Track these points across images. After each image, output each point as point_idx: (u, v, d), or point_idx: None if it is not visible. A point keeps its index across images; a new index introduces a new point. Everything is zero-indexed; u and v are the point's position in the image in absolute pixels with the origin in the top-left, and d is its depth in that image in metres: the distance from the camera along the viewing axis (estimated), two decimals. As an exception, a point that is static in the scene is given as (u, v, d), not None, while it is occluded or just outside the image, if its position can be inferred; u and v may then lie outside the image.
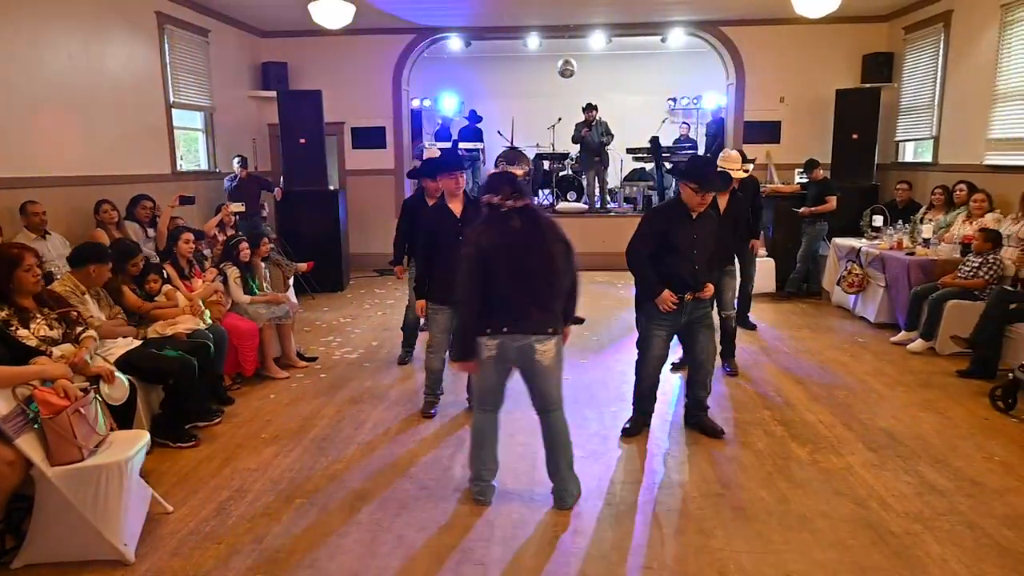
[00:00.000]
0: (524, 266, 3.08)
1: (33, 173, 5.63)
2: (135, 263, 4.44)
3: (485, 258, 3.08)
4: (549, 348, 3.15)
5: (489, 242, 3.09)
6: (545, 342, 3.13)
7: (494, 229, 3.11)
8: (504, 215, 3.10)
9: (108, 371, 3.48)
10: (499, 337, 3.13)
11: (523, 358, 3.16)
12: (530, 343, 3.12)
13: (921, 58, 8.42)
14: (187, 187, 7.28)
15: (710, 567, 2.84)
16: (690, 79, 12.34)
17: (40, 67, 5.78)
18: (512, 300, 3.10)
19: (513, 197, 3.10)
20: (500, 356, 3.17)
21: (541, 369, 3.17)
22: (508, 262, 3.07)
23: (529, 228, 3.10)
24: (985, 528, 3.09)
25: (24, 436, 2.80)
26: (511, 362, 3.20)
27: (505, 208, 3.09)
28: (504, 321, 3.10)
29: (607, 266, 9.65)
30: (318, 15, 7.15)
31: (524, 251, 3.09)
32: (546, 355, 3.15)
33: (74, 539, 2.85)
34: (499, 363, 3.20)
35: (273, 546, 3.03)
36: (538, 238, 3.11)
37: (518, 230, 3.08)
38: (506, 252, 3.08)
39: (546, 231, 3.16)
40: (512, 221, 3.08)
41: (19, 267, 3.33)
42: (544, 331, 3.13)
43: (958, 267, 5.84)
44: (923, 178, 8.11)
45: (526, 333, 3.11)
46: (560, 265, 3.16)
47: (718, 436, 4.09)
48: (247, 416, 4.55)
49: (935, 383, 5.02)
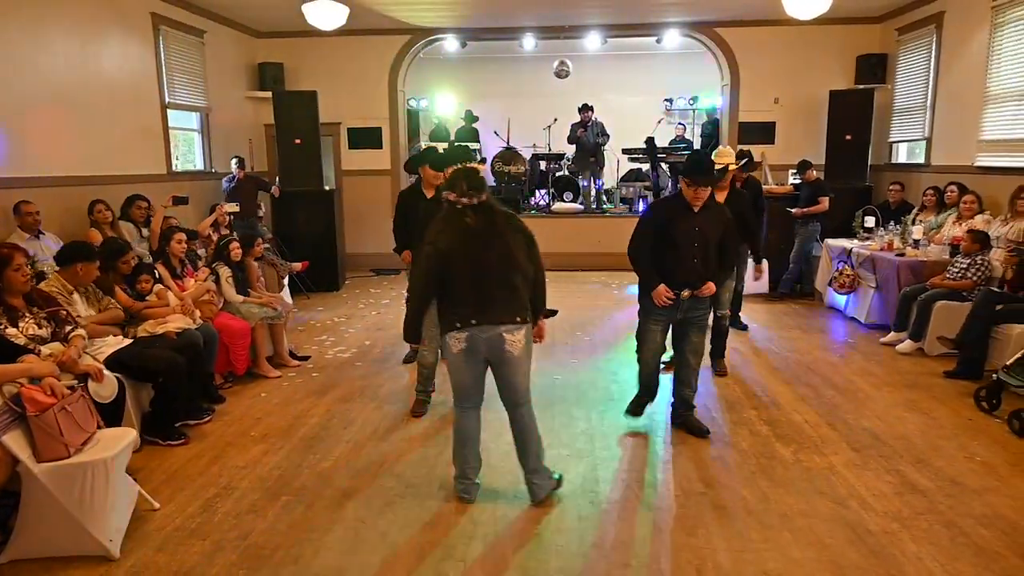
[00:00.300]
0: (482, 260, 3.13)
1: (27, 173, 5.67)
2: (125, 261, 4.47)
3: (442, 255, 3.14)
4: (518, 338, 3.18)
5: (446, 240, 3.15)
6: (515, 332, 3.16)
7: (450, 227, 3.16)
8: (460, 211, 3.14)
9: (96, 369, 3.51)
10: (468, 330, 3.16)
11: (492, 349, 3.19)
12: (499, 333, 3.15)
13: (914, 59, 8.45)
14: (182, 187, 7.31)
15: (688, 564, 2.87)
16: (686, 80, 12.37)
17: (35, 67, 5.82)
18: (475, 293, 3.15)
19: (468, 194, 3.13)
20: (470, 349, 3.19)
21: (511, 359, 3.20)
22: (466, 257, 3.13)
23: (485, 223, 3.14)
24: (962, 527, 3.12)
25: (10, 433, 2.85)
26: (481, 354, 3.22)
27: (460, 204, 3.13)
28: (471, 314, 3.15)
29: (602, 266, 9.72)
30: (312, 16, 7.19)
31: (481, 245, 3.13)
32: (515, 345, 3.17)
33: (60, 535, 2.89)
34: (469, 357, 3.22)
35: (258, 542, 3.07)
36: (493, 231, 3.15)
37: (472, 226, 3.12)
38: (462, 248, 3.13)
39: (502, 224, 3.19)
40: (467, 217, 3.13)
41: (8, 267, 3.37)
42: (512, 320, 3.16)
43: (947, 268, 5.87)
44: (916, 179, 8.14)
45: (493, 323, 3.15)
46: (519, 256, 3.18)
47: (703, 435, 4.13)
48: (237, 414, 4.59)
49: (922, 384, 5.05)
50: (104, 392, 3.51)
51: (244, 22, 9.38)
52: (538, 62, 12.05)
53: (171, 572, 2.85)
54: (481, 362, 3.26)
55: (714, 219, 3.96)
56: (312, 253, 7.92)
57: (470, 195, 3.13)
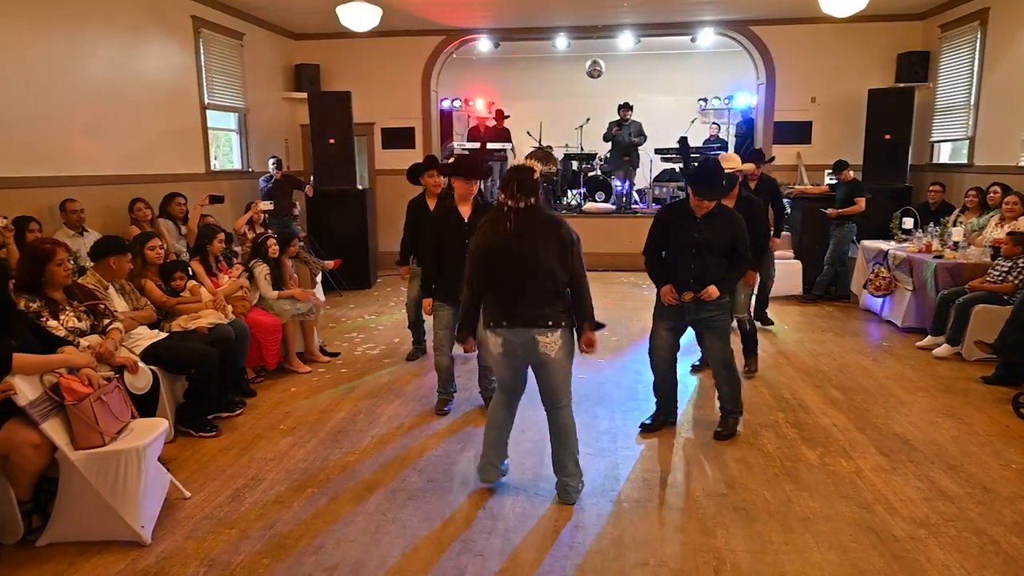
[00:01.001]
0: (512, 264, 3.15)
1: (72, 172, 5.89)
2: (152, 247, 4.57)
3: (479, 255, 3.22)
4: (553, 340, 3.19)
5: (484, 240, 3.21)
6: (548, 334, 3.18)
7: (491, 227, 3.20)
8: (504, 214, 3.16)
9: (132, 361, 3.64)
10: (501, 332, 3.21)
11: (529, 351, 3.23)
12: (532, 336, 3.19)
13: (957, 57, 8.23)
14: (220, 186, 7.50)
15: (706, 565, 2.86)
16: (721, 79, 12.24)
17: (80, 69, 6.03)
18: (505, 295, 3.19)
19: (516, 196, 3.14)
20: (507, 352, 3.26)
21: (548, 361, 3.22)
22: (499, 260, 3.17)
23: (522, 228, 3.13)
24: (992, 535, 3.04)
25: (50, 421, 2.96)
26: (520, 357, 3.27)
27: (507, 207, 3.16)
28: (501, 315, 3.21)
29: (633, 267, 9.62)
30: (346, 18, 7.32)
31: (513, 251, 3.14)
32: (550, 347, 3.19)
33: (95, 520, 3.00)
34: (508, 359, 3.28)
35: (282, 532, 3.14)
36: (525, 237, 3.13)
37: (510, 230, 3.13)
38: (496, 250, 3.17)
39: (538, 230, 3.16)
40: (508, 221, 3.14)
41: (51, 261, 3.50)
42: (544, 324, 3.18)
43: (988, 271, 5.71)
44: (958, 180, 7.93)
45: (524, 327, 3.18)
46: (549, 263, 3.14)
47: (720, 439, 4.08)
48: (267, 408, 4.70)
49: (958, 389, 4.92)
50: (139, 383, 3.63)
51: (281, 24, 9.57)
52: (571, 62, 12.04)
53: (199, 559, 2.94)
54: (521, 363, 3.32)
55: (719, 226, 3.94)
56: (345, 251, 8.03)
57: (517, 198, 3.15)
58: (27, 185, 5.45)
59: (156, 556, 2.96)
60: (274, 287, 5.51)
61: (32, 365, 3.00)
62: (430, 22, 9.50)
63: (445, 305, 4.36)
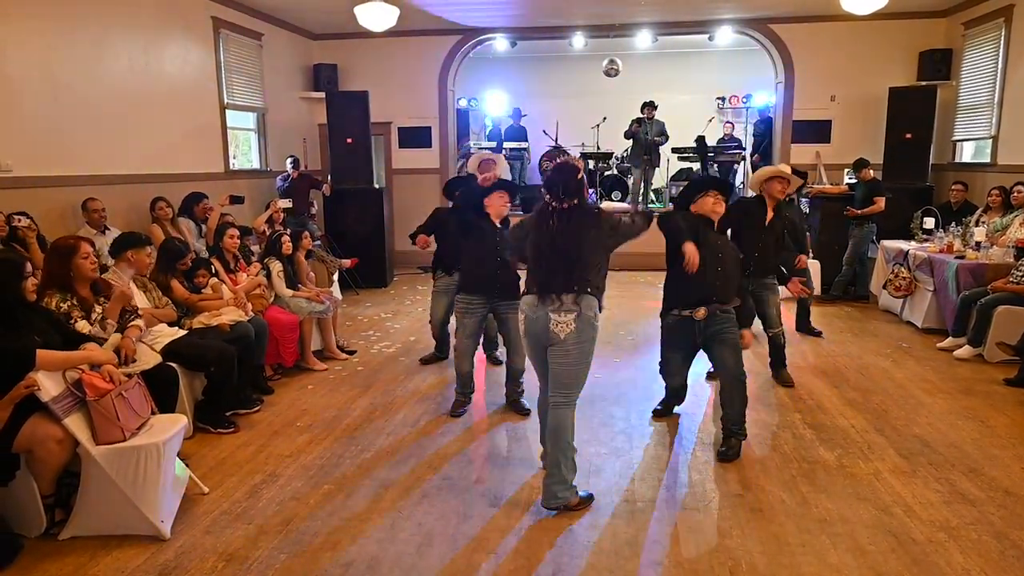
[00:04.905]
0: (548, 254, 3.23)
1: (94, 171, 5.97)
2: (183, 263, 4.65)
3: (519, 244, 3.43)
4: (566, 321, 3.17)
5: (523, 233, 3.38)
6: (563, 314, 3.18)
7: (536, 221, 3.31)
8: (549, 212, 3.26)
9: (130, 348, 3.66)
10: (526, 313, 3.30)
11: (543, 331, 3.23)
12: (546, 314, 3.20)
13: (981, 54, 8.11)
14: (238, 186, 7.58)
15: (721, 566, 2.85)
16: (739, 78, 12.15)
17: (102, 71, 6.12)
18: (539, 281, 3.26)
19: (561, 199, 3.24)
20: (529, 330, 3.32)
21: (558, 343, 3.19)
22: (537, 250, 3.28)
23: (564, 226, 3.22)
24: (1014, 540, 3.00)
25: (72, 416, 3.01)
26: (536, 336, 3.29)
27: (552, 208, 3.25)
28: (532, 301, 3.27)
29: (650, 266, 9.60)
30: (363, 18, 7.36)
31: (551, 243, 3.23)
32: (560, 327, 3.17)
33: (115, 514, 3.05)
34: (530, 338, 3.34)
35: (299, 528, 3.17)
36: (566, 233, 3.21)
37: (552, 228, 3.23)
38: (536, 242, 3.27)
39: (581, 226, 3.22)
40: (552, 220, 3.24)
41: (76, 255, 3.55)
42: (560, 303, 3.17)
43: (1011, 272, 5.62)
44: (981, 179, 7.82)
45: (545, 306, 3.21)
46: (585, 253, 3.21)
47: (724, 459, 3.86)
48: (285, 405, 4.74)
49: (979, 391, 4.86)
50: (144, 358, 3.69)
51: (300, 24, 9.65)
52: (587, 61, 12.01)
53: (216, 554, 2.98)
54: (540, 346, 3.31)
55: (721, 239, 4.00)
56: (361, 250, 8.09)
57: (561, 200, 3.24)
58: (50, 184, 5.54)
59: (175, 550, 3.00)
60: (289, 285, 5.55)
61: (55, 361, 3.05)
62: (447, 22, 9.53)
63: (472, 306, 4.39)
